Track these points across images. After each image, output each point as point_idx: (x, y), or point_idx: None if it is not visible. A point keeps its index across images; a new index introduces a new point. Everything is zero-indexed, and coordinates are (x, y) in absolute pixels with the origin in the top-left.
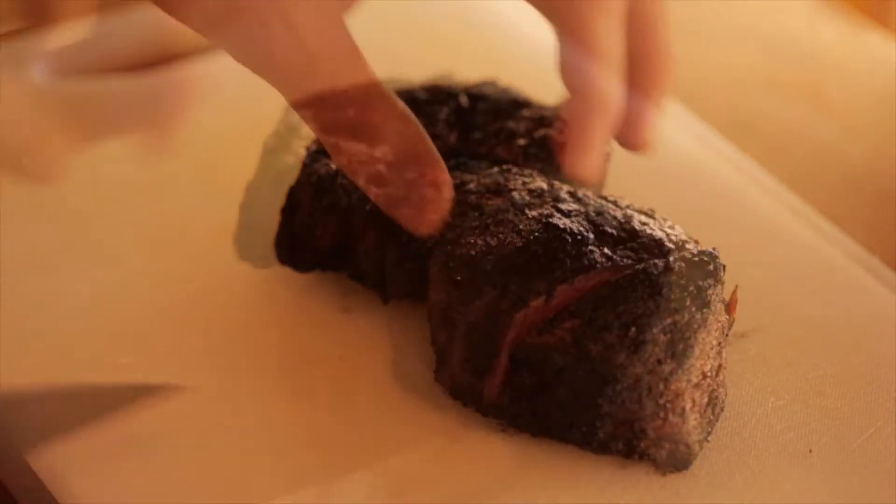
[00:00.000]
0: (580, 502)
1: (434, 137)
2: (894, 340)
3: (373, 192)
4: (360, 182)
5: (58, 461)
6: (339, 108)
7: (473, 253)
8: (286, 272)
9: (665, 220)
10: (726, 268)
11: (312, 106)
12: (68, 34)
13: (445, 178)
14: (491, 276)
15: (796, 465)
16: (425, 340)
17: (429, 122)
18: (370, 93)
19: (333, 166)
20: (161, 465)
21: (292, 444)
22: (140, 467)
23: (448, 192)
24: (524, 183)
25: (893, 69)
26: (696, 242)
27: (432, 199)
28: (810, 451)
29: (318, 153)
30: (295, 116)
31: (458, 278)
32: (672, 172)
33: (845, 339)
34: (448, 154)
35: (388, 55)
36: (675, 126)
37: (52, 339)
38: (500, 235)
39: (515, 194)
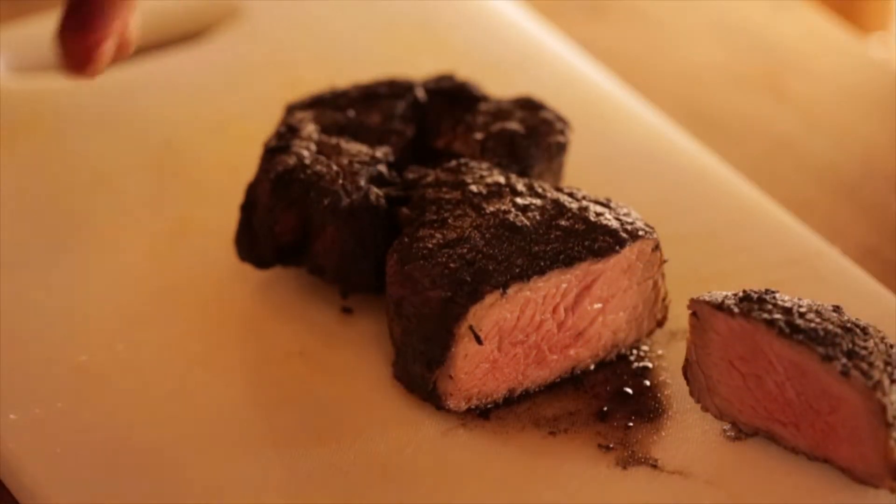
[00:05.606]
0: (580, 502)
1: (391, 132)
2: None
3: None
4: None
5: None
6: None
7: (430, 246)
8: (287, 272)
9: (622, 207)
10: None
11: None
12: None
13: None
14: (447, 270)
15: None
16: None
17: (387, 116)
18: None
19: (291, 162)
20: (154, 468)
21: (290, 443)
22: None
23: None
24: (482, 177)
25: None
26: (653, 229)
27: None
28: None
29: (275, 149)
30: (295, 116)
31: (414, 271)
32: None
33: None
34: (405, 147)
35: (391, 55)
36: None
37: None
38: (458, 230)
39: (473, 188)
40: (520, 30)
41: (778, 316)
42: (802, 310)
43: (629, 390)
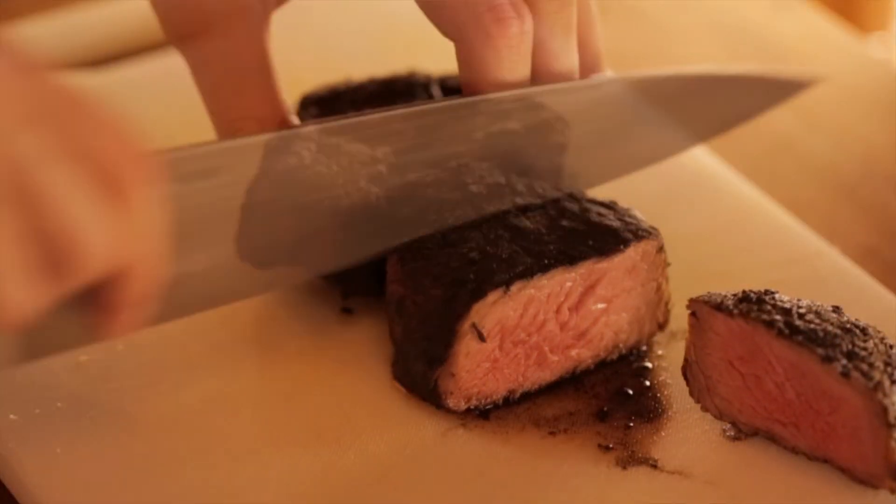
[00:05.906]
0: (580, 502)
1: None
2: None
3: None
4: None
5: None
6: None
7: (431, 246)
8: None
9: (625, 208)
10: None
11: None
12: (25, 29)
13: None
14: (448, 269)
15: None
16: None
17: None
18: None
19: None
20: (150, 465)
21: (290, 443)
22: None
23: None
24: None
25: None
26: (656, 230)
27: None
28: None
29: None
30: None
31: (415, 271)
32: None
33: None
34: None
35: (391, 55)
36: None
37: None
38: (458, 230)
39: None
40: None
41: (777, 317)
42: (802, 310)
43: (629, 390)
